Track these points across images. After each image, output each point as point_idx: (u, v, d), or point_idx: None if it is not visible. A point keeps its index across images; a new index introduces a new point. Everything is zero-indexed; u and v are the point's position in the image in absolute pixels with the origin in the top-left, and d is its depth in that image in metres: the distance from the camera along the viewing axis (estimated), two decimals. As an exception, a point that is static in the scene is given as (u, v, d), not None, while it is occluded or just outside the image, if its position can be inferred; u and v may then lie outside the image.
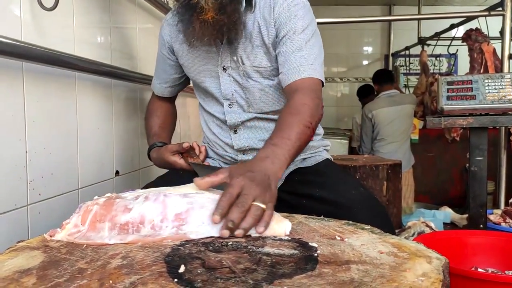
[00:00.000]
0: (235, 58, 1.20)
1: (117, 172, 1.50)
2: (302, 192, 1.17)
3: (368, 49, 5.85)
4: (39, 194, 1.08)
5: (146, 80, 1.67)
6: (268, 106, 1.25)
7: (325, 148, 1.37)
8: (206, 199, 0.80)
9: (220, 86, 1.23)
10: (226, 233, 0.74)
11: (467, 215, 2.23)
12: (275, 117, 1.21)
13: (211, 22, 1.08)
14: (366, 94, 4.26)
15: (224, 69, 1.22)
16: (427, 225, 2.29)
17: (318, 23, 1.27)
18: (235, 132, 1.27)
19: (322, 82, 1.16)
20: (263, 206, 0.78)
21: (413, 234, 2.12)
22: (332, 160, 1.36)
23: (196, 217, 0.76)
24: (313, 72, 1.13)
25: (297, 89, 1.11)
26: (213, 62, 1.23)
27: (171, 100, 1.47)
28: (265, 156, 0.91)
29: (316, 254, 0.67)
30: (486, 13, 3.02)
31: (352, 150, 4.19)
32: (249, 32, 1.18)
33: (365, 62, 5.85)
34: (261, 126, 1.26)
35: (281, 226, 0.79)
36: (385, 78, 3.71)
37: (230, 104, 1.25)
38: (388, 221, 1.12)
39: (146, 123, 1.41)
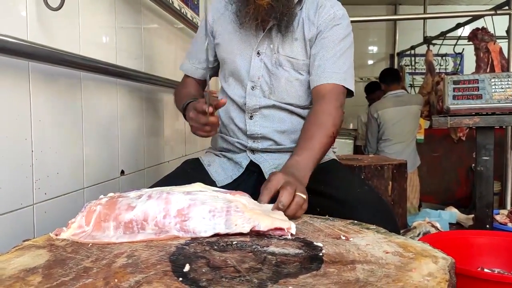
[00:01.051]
0: (271, 46, 1.26)
1: (122, 172, 1.50)
2: (308, 187, 1.17)
3: (374, 49, 5.84)
4: (45, 193, 1.09)
5: (151, 80, 1.67)
6: (290, 97, 1.28)
7: (332, 149, 1.38)
8: (209, 196, 0.80)
9: (250, 68, 1.27)
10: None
11: (473, 215, 2.22)
12: (292, 109, 1.28)
13: (265, 7, 1.15)
14: (373, 90, 4.21)
15: (258, 53, 1.27)
16: (433, 225, 2.28)
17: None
18: (251, 117, 1.28)
19: (352, 92, 1.27)
20: (304, 196, 0.91)
21: (419, 234, 2.12)
22: (338, 160, 1.37)
23: (198, 212, 0.76)
24: (343, 81, 1.22)
25: (325, 94, 1.21)
26: (249, 45, 1.27)
27: (202, 86, 1.47)
28: (291, 166, 1.04)
29: (321, 254, 0.67)
30: (493, 12, 3.00)
31: (357, 150, 4.18)
32: (292, 25, 1.24)
33: (370, 62, 5.83)
34: (276, 116, 1.28)
35: (253, 216, 0.78)
36: (392, 77, 3.69)
37: (253, 87, 1.28)
38: (393, 220, 1.13)
39: (179, 93, 1.40)
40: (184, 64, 1.46)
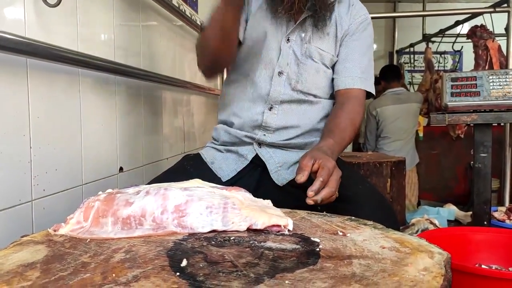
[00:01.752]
0: (303, 35, 1.27)
1: (121, 169, 1.51)
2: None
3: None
4: (43, 190, 1.09)
5: (150, 77, 1.67)
6: (316, 88, 1.29)
7: None
8: (206, 192, 0.80)
9: (280, 53, 1.27)
10: (319, 198, 0.93)
11: (471, 212, 2.22)
12: (315, 100, 1.29)
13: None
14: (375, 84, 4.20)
15: (288, 40, 1.27)
16: (431, 222, 2.29)
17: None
18: (270, 109, 1.27)
19: (373, 95, 1.35)
20: (340, 173, 0.98)
21: (417, 231, 2.13)
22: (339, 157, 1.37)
23: (195, 208, 0.77)
24: (370, 88, 1.31)
25: (355, 97, 1.27)
26: (280, 31, 1.27)
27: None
28: (327, 148, 1.09)
29: (318, 249, 0.67)
30: (491, 9, 3.00)
31: (357, 147, 4.18)
32: (326, 20, 1.26)
33: (369, 59, 5.82)
34: (296, 110, 1.28)
35: (250, 213, 0.79)
36: (392, 75, 3.68)
37: (280, 73, 1.27)
38: (393, 216, 1.14)
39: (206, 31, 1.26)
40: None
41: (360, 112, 1.27)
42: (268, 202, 0.88)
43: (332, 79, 1.31)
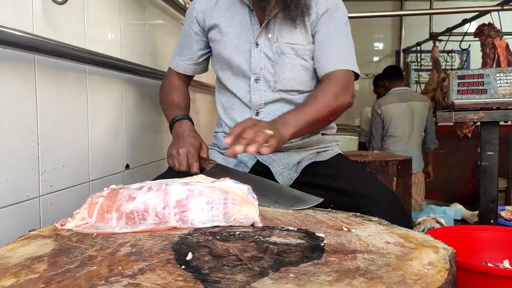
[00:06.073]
0: (269, 35, 1.25)
1: (127, 166, 1.51)
2: (320, 183, 1.17)
3: (379, 45, 5.81)
4: (51, 186, 1.10)
5: (156, 74, 1.68)
6: (296, 84, 1.27)
7: (337, 143, 1.39)
8: (206, 187, 0.81)
9: (251, 60, 1.26)
10: (239, 148, 0.89)
11: (478, 212, 2.21)
12: (299, 97, 1.27)
13: None
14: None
15: (257, 44, 1.26)
16: (437, 221, 2.28)
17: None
18: (257, 114, 1.27)
19: (357, 75, 1.26)
20: (270, 132, 0.93)
21: (423, 230, 2.11)
22: (343, 154, 1.37)
23: (196, 203, 0.77)
24: (352, 66, 1.24)
25: (336, 77, 1.21)
26: (246, 37, 1.26)
27: (188, 83, 1.48)
28: (277, 120, 1.07)
29: (322, 244, 0.68)
30: (499, 7, 2.98)
31: (362, 146, 4.17)
32: (294, 13, 1.23)
33: (375, 59, 5.81)
34: (283, 111, 1.25)
35: (250, 209, 0.79)
36: (395, 74, 3.68)
37: (256, 79, 1.26)
38: (406, 215, 1.14)
39: (167, 98, 1.40)
40: (173, 61, 1.43)
41: (337, 87, 1.19)
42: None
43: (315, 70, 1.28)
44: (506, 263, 1.44)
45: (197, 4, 1.35)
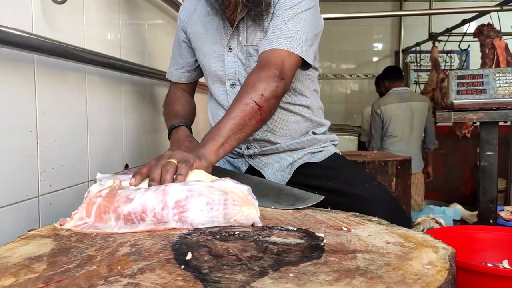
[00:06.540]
0: (240, 38, 1.22)
1: (126, 166, 1.51)
2: (314, 184, 1.16)
3: (378, 46, 5.81)
4: (50, 185, 1.10)
5: (155, 74, 1.68)
6: None
7: (332, 143, 1.36)
8: (205, 187, 0.80)
9: (225, 65, 1.24)
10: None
11: (477, 212, 2.21)
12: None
13: None
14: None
15: (230, 49, 1.23)
16: (437, 222, 2.28)
17: (328, 19, 1.27)
18: None
19: (307, 63, 1.13)
20: (173, 161, 0.86)
21: (422, 230, 2.11)
22: (339, 154, 1.36)
23: (196, 204, 0.77)
24: (287, 45, 1.08)
25: (263, 61, 1.08)
26: (220, 43, 1.24)
27: (191, 92, 1.48)
28: (204, 139, 0.99)
29: (322, 244, 0.68)
30: (498, 8, 2.99)
31: (361, 146, 4.17)
32: (253, 13, 1.17)
33: (375, 59, 5.81)
34: None
35: (250, 210, 0.79)
36: (395, 74, 3.68)
37: (232, 85, 1.25)
38: (403, 214, 1.14)
39: (168, 109, 1.40)
40: (169, 72, 1.45)
41: (268, 70, 1.05)
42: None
43: None
44: (505, 263, 1.44)
45: (181, 13, 1.35)
